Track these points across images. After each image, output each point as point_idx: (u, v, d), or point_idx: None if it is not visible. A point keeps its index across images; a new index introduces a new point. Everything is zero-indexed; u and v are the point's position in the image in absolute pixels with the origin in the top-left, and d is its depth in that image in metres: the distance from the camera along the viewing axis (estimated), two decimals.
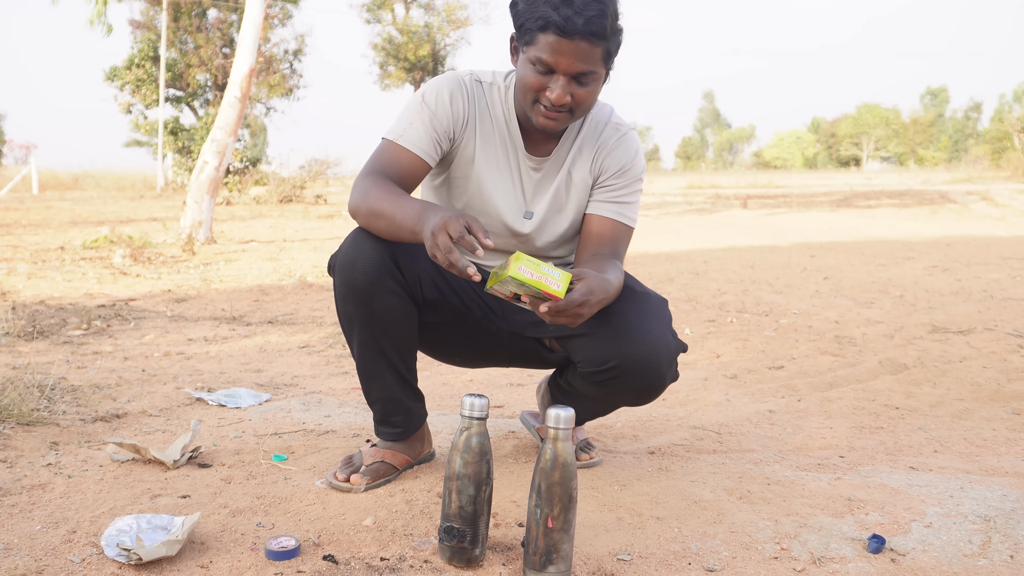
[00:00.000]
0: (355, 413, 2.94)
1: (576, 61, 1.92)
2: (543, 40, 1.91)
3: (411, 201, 1.90)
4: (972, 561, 1.86)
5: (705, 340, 4.57)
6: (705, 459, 2.56)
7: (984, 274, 7.44)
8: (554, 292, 1.74)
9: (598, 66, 1.95)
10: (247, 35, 10.04)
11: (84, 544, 1.80)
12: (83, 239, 9.58)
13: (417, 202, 1.89)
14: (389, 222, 1.91)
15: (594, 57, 1.93)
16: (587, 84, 1.97)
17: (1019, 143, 38.13)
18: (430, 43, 37.42)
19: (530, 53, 1.95)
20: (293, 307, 5.58)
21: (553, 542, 1.66)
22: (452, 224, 1.73)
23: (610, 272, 1.97)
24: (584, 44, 1.89)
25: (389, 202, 1.92)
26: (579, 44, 1.89)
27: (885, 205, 18.84)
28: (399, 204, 1.90)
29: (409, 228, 1.86)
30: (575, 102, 1.99)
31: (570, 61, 1.91)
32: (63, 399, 2.95)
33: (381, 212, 1.93)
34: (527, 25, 1.93)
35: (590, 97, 2.01)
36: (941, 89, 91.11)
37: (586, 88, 1.98)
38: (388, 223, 1.92)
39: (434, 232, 1.74)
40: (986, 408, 3.25)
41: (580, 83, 1.96)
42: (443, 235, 1.72)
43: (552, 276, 1.74)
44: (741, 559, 1.83)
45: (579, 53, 1.90)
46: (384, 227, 1.94)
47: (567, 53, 1.90)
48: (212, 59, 28.91)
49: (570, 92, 1.96)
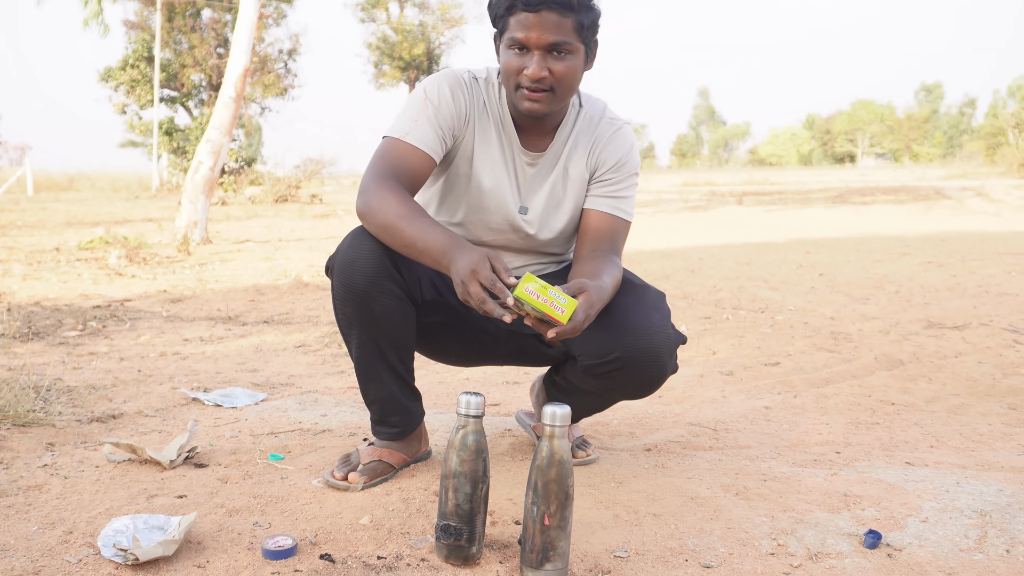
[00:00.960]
0: (351, 412, 2.94)
1: (545, 32, 1.95)
2: (513, 21, 1.98)
3: (433, 228, 1.88)
4: (968, 556, 1.86)
5: (701, 337, 4.58)
6: (701, 456, 2.56)
7: (979, 269, 7.46)
8: (557, 317, 1.74)
9: (570, 37, 1.98)
10: (241, 35, 10.03)
11: (81, 544, 1.79)
12: (78, 240, 9.57)
13: (439, 231, 1.87)
14: (410, 248, 1.90)
15: (565, 28, 1.96)
16: (563, 57, 1.99)
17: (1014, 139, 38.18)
18: (425, 42, 37.44)
19: (505, 38, 2.01)
20: (289, 307, 5.58)
21: (550, 539, 1.66)
22: (482, 272, 1.74)
23: (606, 274, 1.98)
24: (551, 15, 1.94)
25: (408, 223, 1.90)
26: (545, 16, 1.94)
27: (880, 201, 18.86)
28: (422, 230, 1.88)
29: (433, 260, 1.86)
30: (554, 78, 2.00)
31: (539, 33, 1.95)
32: (59, 400, 2.95)
33: (401, 235, 1.91)
34: (499, 14, 2.01)
35: (569, 73, 2.01)
36: (936, 85, 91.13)
37: (563, 62, 2.00)
38: (408, 248, 1.91)
39: (465, 282, 1.75)
40: (982, 403, 3.26)
41: (555, 56, 1.99)
42: (475, 285, 1.74)
43: (558, 301, 1.74)
44: (738, 555, 1.84)
45: (547, 24, 1.95)
46: (400, 246, 1.93)
47: (535, 26, 1.95)
48: (206, 59, 28.85)
49: (547, 67, 1.99)
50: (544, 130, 2.17)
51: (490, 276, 1.74)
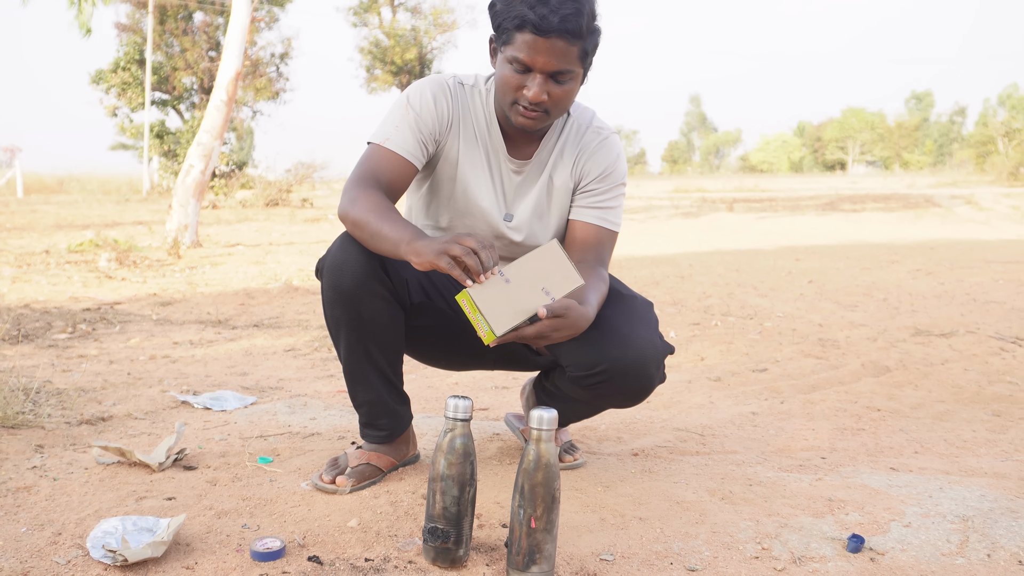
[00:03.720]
0: (340, 416, 2.95)
1: (552, 59, 1.94)
2: (520, 39, 1.94)
3: (402, 223, 1.89)
4: (950, 560, 1.88)
5: (690, 343, 4.60)
6: (688, 460, 2.58)
7: (967, 277, 7.50)
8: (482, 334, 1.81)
9: (574, 65, 1.98)
10: (234, 38, 10.03)
11: (70, 546, 1.80)
12: (68, 243, 9.55)
13: (408, 226, 1.88)
14: (378, 239, 1.91)
15: (570, 56, 1.95)
16: (564, 83, 1.99)
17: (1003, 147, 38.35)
18: (417, 47, 37.42)
19: (507, 53, 1.98)
20: (279, 311, 5.58)
21: (536, 542, 1.68)
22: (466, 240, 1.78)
23: (592, 291, 2.00)
24: (560, 42, 1.92)
25: (376, 217, 1.92)
26: (555, 42, 1.92)
27: (870, 209, 18.93)
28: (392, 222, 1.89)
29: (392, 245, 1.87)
30: (552, 101, 2.01)
31: (546, 59, 1.94)
32: (48, 402, 2.95)
33: (370, 228, 1.92)
34: (504, 25, 1.97)
35: (567, 96, 2.03)
36: (926, 93, 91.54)
37: (563, 87, 2.00)
38: (376, 239, 1.92)
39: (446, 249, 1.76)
40: (967, 410, 3.29)
41: (557, 82, 1.99)
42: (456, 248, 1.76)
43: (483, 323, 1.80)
44: (723, 559, 1.85)
45: (555, 51, 1.93)
46: (367, 238, 1.94)
47: (543, 51, 1.93)
48: (198, 62, 28.82)
49: (547, 91, 1.98)
50: (530, 138, 2.18)
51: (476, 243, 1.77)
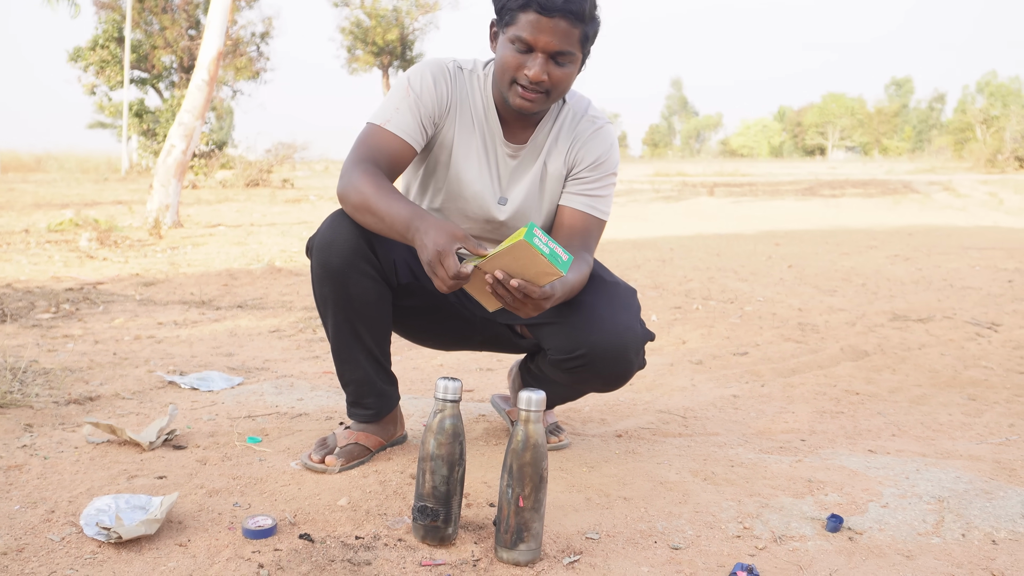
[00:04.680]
0: (327, 396, 2.97)
1: (554, 39, 1.97)
2: (523, 19, 1.97)
3: (398, 203, 1.92)
4: (925, 539, 1.93)
5: (671, 326, 4.64)
6: (671, 442, 2.62)
7: (944, 263, 7.58)
8: (557, 269, 1.74)
9: (575, 48, 2.01)
10: (215, 18, 9.96)
11: (63, 523, 1.82)
12: (48, 222, 9.49)
13: (405, 204, 1.91)
14: (377, 220, 1.94)
15: (572, 38, 1.98)
16: (564, 65, 2.02)
17: (981, 134, 38.63)
18: (398, 27, 37.27)
19: (510, 33, 2.01)
20: (262, 292, 5.59)
21: (524, 521, 1.71)
22: (446, 260, 1.77)
23: (573, 269, 2.02)
24: (563, 23, 1.95)
25: (377, 199, 1.94)
26: (558, 22, 1.95)
27: (850, 194, 19.05)
28: (387, 204, 1.92)
29: (399, 233, 1.90)
30: (551, 82, 2.03)
31: (548, 39, 1.97)
32: (35, 382, 2.96)
33: (369, 208, 1.95)
34: (508, 6, 2.00)
35: (566, 79, 2.05)
36: (906, 80, 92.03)
37: (563, 69, 2.02)
38: (376, 221, 1.94)
39: (431, 263, 1.79)
40: (943, 394, 3.35)
41: (557, 63, 2.01)
42: (440, 269, 1.78)
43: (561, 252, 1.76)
44: (705, 537, 1.90)
45: (558, 31, 1.96)
46: (372, 223, 1.97)
47: (546, 30, 1.96)
48: (178, 41, 28.59)
49: (547, 71, 2.01)
50: (527, 123, 2.20)
51: (454, 266, 1.77)
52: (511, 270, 1.78)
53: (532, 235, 1.70)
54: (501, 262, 1.78)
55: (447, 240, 1.79)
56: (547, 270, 1.75)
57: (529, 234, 1.69)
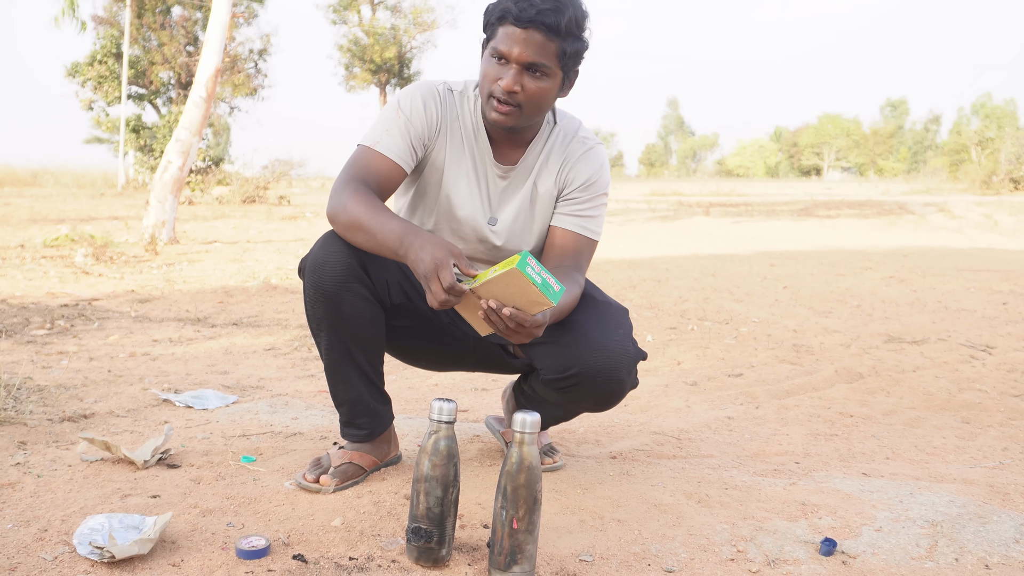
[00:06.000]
0: (322, 416, 2.97)
1: (527, 50, 2.00)
2: (501, 31, 2.03)
3: (391, 220, 1.93)
4: (919, 564, 1.93)
5: (666, 347, 4.65)
6: (665, 464, 2.62)
7: (939, 285, 7.60)
8: (548, 300, 1.75)
9: (550, 61, 2.03)
10: (214, 34, 10.00)
11: (56, 542, 1.82)
12: (43, 237, 9.49)
13: (397, 221, 1.92)
14: (369, 237, 1.95)
15: (547, 51, 2.01)
16: (539, 78, 2.04)
17: (976, 156, 38.74)
18: (396, 45, 37.38)
19: (490, 47, 2.06)
20: (258, 309, 5.59)
21: (518, 543, 1.71)
22: (443, 272, 1.78)
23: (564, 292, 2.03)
24: (537, 35, 1.99)
25: (369, 217, 1.95)
26: (531, 34, 1.99)
27: (845, 215, 19.10)
28: (379, 221, 1.93)
29: (391, 250, 1.91)
30: (525, 95, 2.05)
31: (521, 49, 2.00)
32: (30, 399, 2.96)
33: (361, 226, 1.96)
34: (490, 20, 2.05)
35: (541, 95, 2.07)
36: (901, 101, 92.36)
37: (537, 83, 2.04)
38: (368, 238, 1.95)
39: (427, 275, 1.80)
40: (937, 417, 3.35)
41: (531, 75, 2.03)
42: (436, 283, 1.79)
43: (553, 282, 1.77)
44: (699, 561, 1.90)
45: (531, 43, 2.00)
46: (363, 241, 1.97)
47: (519, 41, 2.00)
48: (176, 57, 28.68)
49: (520, 83, 2.03)
50: (517, 144, 2.22)
51: (450, 279, 1.78)
52: (502, 297, 1.79)
53: (525, 264, 1.71)
54: (493, 289, 1.79)
55: (444, 253, 1.80)
56: (538, 299, 1.76)
57: (522, 263, 1.70)
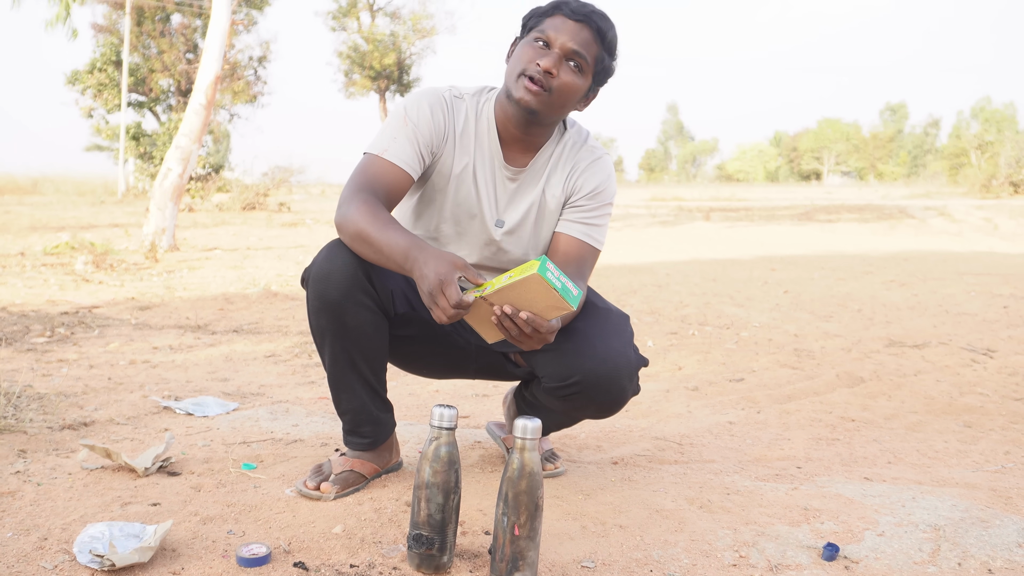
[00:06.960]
0: (323, 422, 2.97)
1: (574, 41, 2.05)
2: (549, 22, 2.07)
3: (397, 234, 1.91)
4: (922, 568, 1.92)
5: (667, 352, 4.64)
6: (667, 469, 2.61)
7: (940, 289, 7.60)
8: (568, 304, 1.75)
9: (590, 58, 2.07)
10: (213, 42, 10.01)
11: (56, 551, 1.81)
12: (44, 245, 9.49)
13: (402, 235, 1.90)
14: (375, 251, 1.94)
15: (590, 48, 2.06)
16: (574, 71, 2.07)
17: (976, 159, 38.77)
18: (395, 52, 37.44)
19: (531, 35, 2.08)
20: (258, 316, 5.58)
21: (519, 549, 1.71)
22: (448, 288, 1.77)
23: None
24: (586, 32, 2.05)
25: (375, 230, 1.93)
26: (582, 28, 2.05)
27: (845, 219, 19.10)
28: (385, 236, 1.92)
29: (396, 264, 1.90)
30: (558, 82, 2.06)
31: (569, 38, 2.04)
32: (30, 407, 2.95)
33: (367, 239, 1.94)
34: (535, 14, 2.11)
35: (570, 88, 2.08)
36: (900, 105, 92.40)
37: (572, 75, 2.07)
38: (373, 252, 1.94)
39: (432, 292, 1.78)
40: (939, 421, 3.34)
41: (569, 66, 2.06)
42: (442, 298, 1.77)
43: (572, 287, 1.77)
44: (701, 566, 1.89)
45: (579, 36, 2.05)
46: (369, 254, 1.96)
47: (569, 31, 2.05)
48: (175, 64, 28.71)
49: (558, 67, 2.05)
50: (527, 147, 2.22)
51: (456, 296, 1.77)
52: (518, 303, 1.78)
53: (545, 269, 1.71)
54: (508, 296, 1.78)
55: (448, 269, 1.79)
56: (557, 304, 1.76)
57: (542, 268, 1.70)
